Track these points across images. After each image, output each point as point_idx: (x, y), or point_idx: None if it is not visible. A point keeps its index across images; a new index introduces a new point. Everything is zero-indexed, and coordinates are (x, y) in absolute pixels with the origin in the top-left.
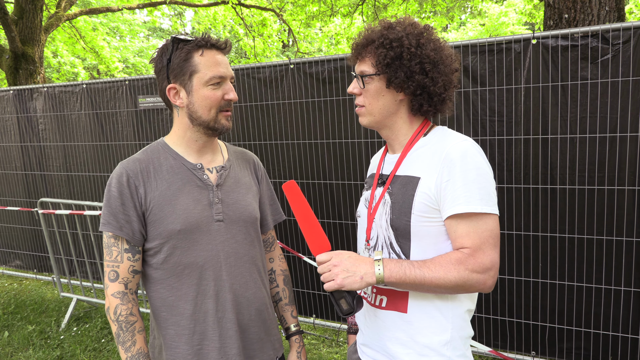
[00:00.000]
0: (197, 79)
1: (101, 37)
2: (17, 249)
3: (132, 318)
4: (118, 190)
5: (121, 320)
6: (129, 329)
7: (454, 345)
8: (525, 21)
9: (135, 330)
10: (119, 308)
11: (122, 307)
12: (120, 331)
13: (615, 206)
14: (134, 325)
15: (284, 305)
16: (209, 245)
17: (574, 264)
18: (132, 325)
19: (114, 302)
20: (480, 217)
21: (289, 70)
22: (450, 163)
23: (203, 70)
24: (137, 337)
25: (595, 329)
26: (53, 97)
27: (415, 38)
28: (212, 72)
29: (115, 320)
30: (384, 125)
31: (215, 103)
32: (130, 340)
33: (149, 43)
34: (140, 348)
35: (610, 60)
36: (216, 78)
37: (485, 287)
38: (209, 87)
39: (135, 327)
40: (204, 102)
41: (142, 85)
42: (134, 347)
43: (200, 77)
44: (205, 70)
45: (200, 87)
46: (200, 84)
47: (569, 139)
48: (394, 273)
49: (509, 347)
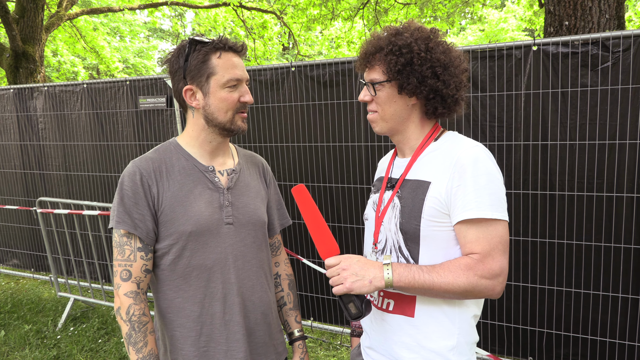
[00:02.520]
0: (215, 81)
1: (102, 37)
2: (15, 248)
3: (144, 318)
4: (131, 189)
5: (134, 320)
6: (141, 329)
7: (460, 350)
8: (525, 27)
9: (148, 331)
10: (132, 308)
11: (135, 307)
12: (133, 331)
13: (614, 213)
14: (146, 325)
15: (288, 310)
16: (218, 247)
17: (572, 270)
18: (145, 325)
19: (127, 302)
20: (490, 223)
21: (290, 73)
22: (462, 168)
23: (220, 72)
24: (149, 338)
25: (592, 335)
26: (53, 96)
27: (424, 42)
28: (230, 75)
29: (127, 321)
30: (397, 130)
31: (232, 105)
32: (142, 341)
33: (149, 44)
34: (151, 349)
35: (611, 67)
36: (233, 81)
37: (494, 293)
38: (226, 89)
39: (148, 328)
40: (221, 104)
41: (143, 85)
42: (146, 349)
43: (217, 79)
44: (223, 72)
45: (218, 89)
46: (217, 86)
47: (569, 145)
48: (403, 277)
49: (507, 352)
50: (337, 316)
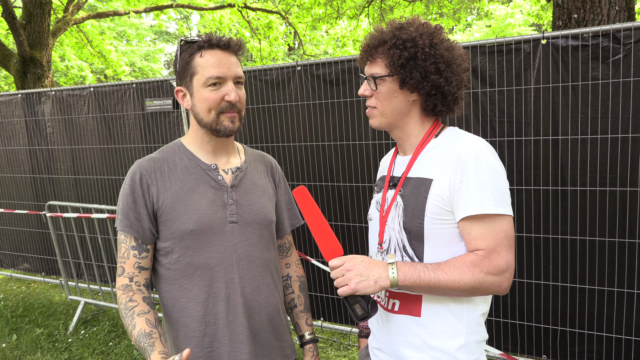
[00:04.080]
0: (196, 80)
1: (108, 41)
2: (25, 252)
3: (130, 304)
4: (130, 188)
5: (122, 307)
6: (128, 314)
7: (468, 349)
8: (532, 22)
9: (135, 313)
10: (121, 298)
11: (123, 296)
12: (124, 320)
13: (627, 208)
14: (132, 309)
15: (298, 312)
16: (222, 246)
17: (585, 267)
18: (131, 310)
19: (119, 294)
20: (494, 218)
21: (296, 72)
22: (463, 164)
23: (201, 71)
24: (136, 320)
25: (607, 332)
26: (61, 100)
27: (429, 38)
28: (210, 73)
29: (120, 310)
30: (396, 126)
31: (214, 104)
32: (131, 324)
33: (155, 47)
34: (140, 329)
35: (622, 60)
36: (213, 79)
37: (501, 289)
38: (207, 88)
39: (135, 311)
40: (203, 104)
41: (150, 88)
42: (135, 330)
43: (198, 78)
44: (203, 71)
45: (200, 89)
46: (199, 85)
47: (580, 139)
48: (408, 276)
49: (520, 350)
50: (347, 316)
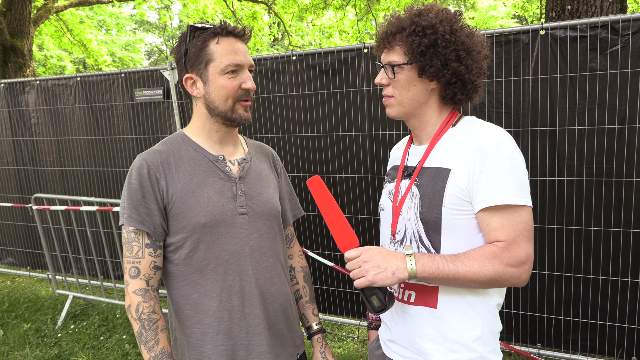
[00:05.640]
0: (213, 67)
1: (88, 30)
2: (10, 246)
3: (154, 316)
4: (139, 183)
5: (143, 318)
6: (151, 327)
7: (484, 340)
8: (515, 14)
9: (158, 328)
10: (141, 306)
11: (144, 304)
12: (143, 330)
13: (623, 198)
14: (156, 323)
15: (304, 303)
16: (234, 239)
17: (581, 256)
18: (155, 323)
19: (136, 300)
20: (515, 209)
21: (291, 62)
22: (484, 154)
23: (219, 58)
24: (160, 336)
25: (601, 321)
26: (46, 90)
27: (449, 24)
28: (228, 60)
29: (137, 319)
30: (413, 115)
31: (232, 93)
32: (153, 339)
33: (135, 37)
34: (163, 347)
35: (620, 51)
36: (232, 66)
37: (520, 281)
38: (225, 75)
39: (158, 326)
40: (220, 92)
41: (139, 77)
42: (157, 347)
43: (215, 65)
44: (221, 58)
45: (216, 76)
46: (216, 72)
47: (577, 130)
48: (427, 268)
49: (515, 339)
50: (342, 307)
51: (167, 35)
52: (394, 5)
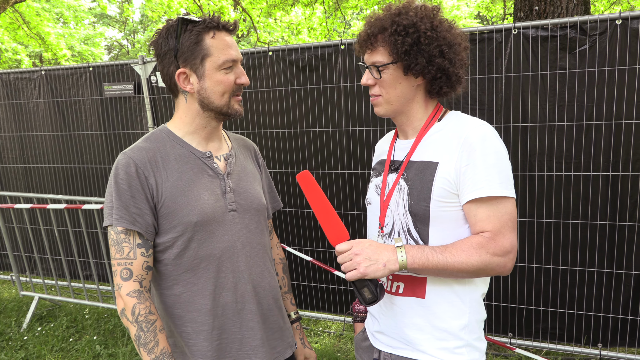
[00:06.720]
0: (210, 62)
1: (46, 23)
2: None
3: (151, 317)
4: (127, 182)
5: (141, 320)
6: (149, 328)
7: (470, 328)
8: (477, 13)
9: (157, 329)
10: (137, 307)
11: (140, 306)
12: (141, 332)
13: (590, 191)
14: (154, 324)
15: (284, 294)
16: (225, 236)
17: (550, 247)
18: (153, 324)
19: (131, 302)
20: (500, 200)
21: (267, 58)
22: (470, 147)
23: (216, 53)
24: (159, 337)
25: (569, 309)
26: (7, 84)
27: (430, 21)
28: (225, 56)
29: (134, 322)
30: (401, 112)
31: (229, 87)
32: (153, 340)
33: (95, 30)
34: (163, 348)
35: (587, 50)
36: (229, 62)
37: (505, 269)
38: (222, 71)
39: (156, 326)
40: (218, 87)
41: (108, 72)
42: (157, 348)
43: (213, 60)
44: (218, 53)
45: (213, 72)
46: (213, 68)
47: (547, 126)
48: (417, 259)
49: (487, 329)
50: (318, 302)
51: (129, 30)
52: (362, 3)
